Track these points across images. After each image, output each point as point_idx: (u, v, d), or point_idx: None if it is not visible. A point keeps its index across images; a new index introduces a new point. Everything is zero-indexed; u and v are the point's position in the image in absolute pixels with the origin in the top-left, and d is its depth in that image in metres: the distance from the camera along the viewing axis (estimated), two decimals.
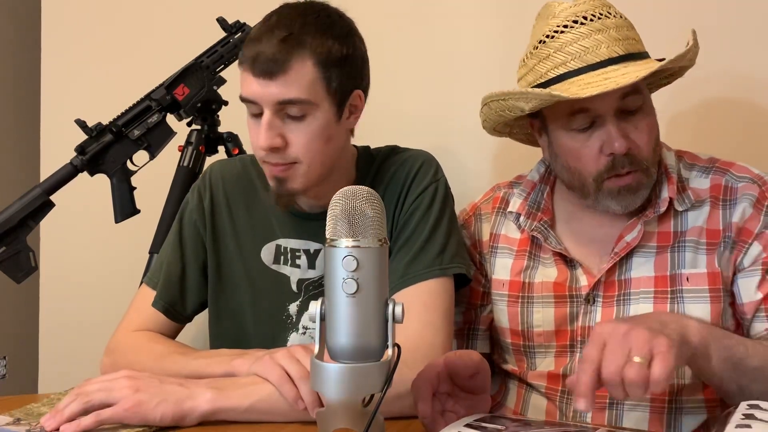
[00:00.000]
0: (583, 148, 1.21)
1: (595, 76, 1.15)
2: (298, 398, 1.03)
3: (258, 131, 1.19)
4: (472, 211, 1.42)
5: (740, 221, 1.21)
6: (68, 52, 2.15)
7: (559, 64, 1.18)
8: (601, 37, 1.17)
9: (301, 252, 1.32)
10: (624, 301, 1.23)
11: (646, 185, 1.22)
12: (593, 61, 1.17)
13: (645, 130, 1.20)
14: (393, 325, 0.83)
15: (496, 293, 1.34)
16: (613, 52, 1.17)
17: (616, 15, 1.20)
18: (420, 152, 1.35)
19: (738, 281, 1.21)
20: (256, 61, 1.16)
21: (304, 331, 1.32)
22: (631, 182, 1.20)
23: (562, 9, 1.21)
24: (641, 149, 1.20)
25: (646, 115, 1.21)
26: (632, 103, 1.18)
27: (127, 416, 1.04)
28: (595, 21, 1.18)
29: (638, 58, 1.19)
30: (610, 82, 1.13)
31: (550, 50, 1.19)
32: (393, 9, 1.84)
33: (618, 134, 1.17)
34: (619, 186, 1.21)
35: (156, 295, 1.35)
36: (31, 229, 1.59)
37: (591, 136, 1.20)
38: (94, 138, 1.61)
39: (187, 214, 1.38)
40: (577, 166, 1.23)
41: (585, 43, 1.17)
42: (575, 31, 1.18)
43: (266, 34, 1.17)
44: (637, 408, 1.21)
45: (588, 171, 1.22)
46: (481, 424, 0.95)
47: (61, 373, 2.11)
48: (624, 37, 1.18)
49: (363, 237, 0.81)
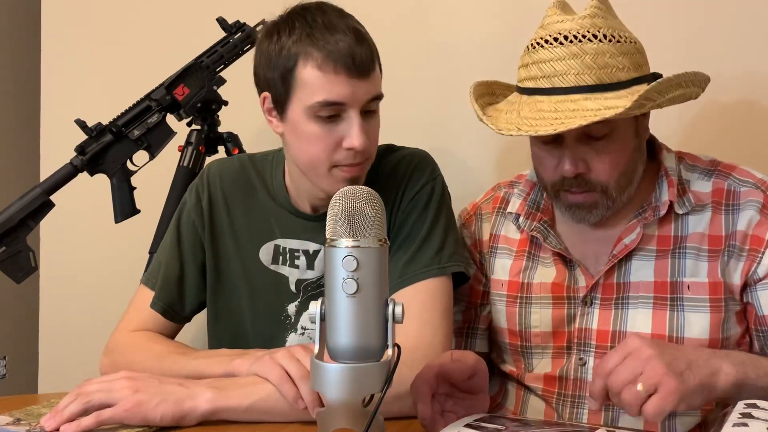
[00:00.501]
0: (545, 158, 1.22)
1: (553, 103, 1.14)
2: (298, 398, 1.03)
3: (353, 129, 1.16)
4: (473, 210, 1.42)
5: (747, 228, 1.19)
6: (68, 52, 2.15)
7: (531, 77, 1.18)
8: (574, 62, 1.14)
9: (300, 252, 1.32)
10: (622, 305, 1.23)
11: (605, 205, 1.21)
12: (559, 85, 1.15)
13: (607, 156, 1.18)
14: (393, 325, 0.83)
15: (494, 293, 1.34)
16: (581, 80, 1.14)
17: (605, 38, 1.15)
18: (416, 150, 1.34)
19: (757, 293, 1.19)
20: (350, 60, 1.13)
21: (302, 332, 1.31)
22: (582, 201, 1.21)
23: (552, 22, 1.19)
24: (597, 174, 1.18)
25: (614, 141, 1.18)
26: (597, 130, 1.15)
27: (127, 416, 1.04)
28: (574, 43, 1.15)
29: (612, 88, 1.14)
30: (554, 121, 1.12)
31: (530, 60, 1.19)
32: (393, 8, 1.84)
33: (569, 159, 1.17)
34: (570, 201, 1.22)
35: (154, 296, 1.35)
36: (31, 229, 1.59)
37: (553, 150, 1.20)
38: (94, 138, 1.61)
39: (185, 213, 1.37)
40: (539, 172, 1.26)
41: (556, 65, 1.15)
42: (551, 50, 1.16)
43: (335, 33, 1.15)
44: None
45: (547, 179, 1.24)
46: (480, 424, 0.95)
47: (61, 373, 2.11)
48: (601, 66, 1.14)
49: (363, 237, 0.81)
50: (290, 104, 1.18)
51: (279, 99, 1.20)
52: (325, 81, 1.14)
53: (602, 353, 1.22)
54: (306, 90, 1.16)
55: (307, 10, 1.19)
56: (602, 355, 1.22)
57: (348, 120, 1.16)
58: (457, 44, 1.80)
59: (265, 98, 1.23)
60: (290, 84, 1.17)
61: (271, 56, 1.18)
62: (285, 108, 1.20)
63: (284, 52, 1.17)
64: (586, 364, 1.24)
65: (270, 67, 1.19)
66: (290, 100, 1.18)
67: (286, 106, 1.19)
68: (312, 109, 1.15)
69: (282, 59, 1.17)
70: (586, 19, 1.16)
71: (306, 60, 1.15)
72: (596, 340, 1.23)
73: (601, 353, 1.23)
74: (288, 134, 1.22)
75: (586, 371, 1.24)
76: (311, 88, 1.15)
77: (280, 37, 1.18)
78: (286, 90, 1.18)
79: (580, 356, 1.25)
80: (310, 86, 1.15)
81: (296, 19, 1.18)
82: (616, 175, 1.19)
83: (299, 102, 1.17)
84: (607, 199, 1.20)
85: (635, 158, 1.22)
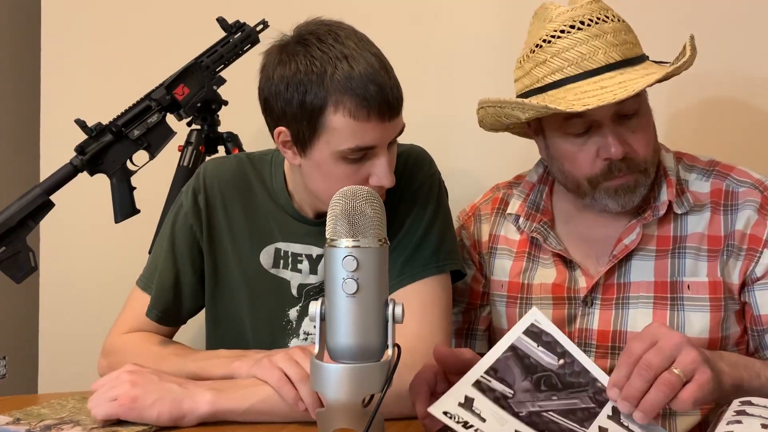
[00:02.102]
0: (579, 152, 1.20)
1: (591, 84, 1.15)
2: (298, 399, 1.03)
3: (381, 169, 1.14)
4: (472, 211, 1.42)
5: (745, 228, 1.20)
6: (68, 52, 2.15)
7: (556, 70, 1.17)
8: (598, 42, 1.16)
9: (303, 257, 1.29)
10: (623, 305, 1.23)
11: (644, 184, 1.21)
12: (590, 67, 1.16)
13: (642, 133, 1.19)
14: (393, 325, 0.83)
15: (495, 294, 1.34)
16: (610, 58, 1.16)
17: (614, 19, 1.19)
18: (413, 147, 1.33)
19: (755, 292, 1.19)
20: (383, 106, 1.10)
21: (305, 337, 1.30)
22: (628, 181, 1.20)
23: (559, 13, 1.20)
24: (638, 152, 1.19)
25: (643, 116, 1.20)
26: (629, 107, 1.17)
27: (122, 412, 1.03)
28: (592, 26, 1.16)
29: (636, 62, 1.18)
30: (608, 94, 1.12)
31: (547, 55, 1.18)
32: (393, 8, 1.84)
33: (615, 140, 1.17)
34: (616, 186, 1.20)
35: (149, 304, 1.32)
36: (31, 229, 1.59)
37: (587, 141, 1.19)
38: (94, 138, 1.61)
39: (181, 217, 1.33)
40: (571, 169, 1.23)
41: (582, 49, 1.16)
42: (572, 37, 1.17)
43: (363, 73, 1.09)
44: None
45: (583, 174, 1.21)
46: (489, 381, 0.95)
47: (61, 373, 2.12)
48: (621, 42, 1.17)
49: (363, 237, 0.81)
50: (315, 145, 1.13)
51: (301, 138, 1.14)
52: (357, 128, 1.10)
53: (603, 353, 1.23)
54: (335, 135, 1.11)
55: (323, 42, 1.11)
56: (603, 355, 1.22)
57: (376, 158, 1.14)
58: (457, 45, 1.80)
59: (280, 132, 1.16)
60: (317, 127, 1.11)
61: (289, 89, 1.11)
62: (308, 147, 1.14)
63: (309, 92, 1.10)
64: None
65: (289, 102, 1.12)
66: (315, 141, 1.13)
67: (309, 146, 1.14)
68: (341, 153, 1.11)
69: (304, 96, 1.10)
70: (593, 4, 1.20)
71: (336, 106, 1.09)
72: (597, 340, 1.23)
73: (601, 353, 1.23)
74: (308, 168, 1.18)
75: None
76: (341, 135, 1.10)
77: (298, 68, 1.11)
78: (311, 132, 1.12)
79: None
80: (340, 132, 1.10)
81: (311, 48, 1.11)
82: (651, 151, 1.21)
83: (327, 145, 1.12)
84: (646, 178, 1.21)
85: (656, 135, 1.25)
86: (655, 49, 1.23)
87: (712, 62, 1.40)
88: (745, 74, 1.59)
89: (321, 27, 1.14)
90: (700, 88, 1.43)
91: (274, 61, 1.14)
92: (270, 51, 1.17)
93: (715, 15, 1.59)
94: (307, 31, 1.14)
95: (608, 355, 1.23)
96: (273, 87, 1.14)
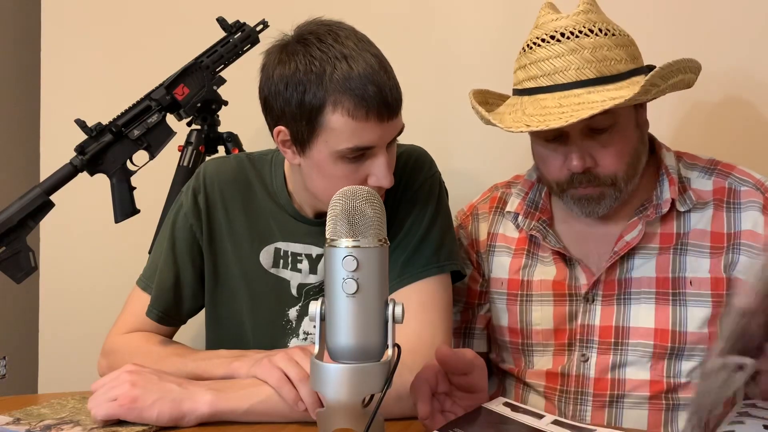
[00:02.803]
0: (549, 157, 1.23)
1: (555, 99, 1.15)
2: (298, 400, 1.03)
3: (379, 169, 1.13)
4: (470, 211, 1.42)
5: (754, 227, 1.20)
6: (68, 52, 2.15)
7: (531, 77, 1.19)
8: (573, 58, 1.16)
9: (303, 256, 1.29)
10: (625, 301, 1.23)
11: (612, 196, 1.22)
12: (560, 81, 1.16)
13: (613, 148, 1.19)
14: (393, 325, 0.83)
15: (494, 292, 1.34)
16: (582, 74, 1.16)
17: (601, 33, 1.17)
18: (413, 147, 1.33)
19: None
20: (382, 106, 1.09)
21: (305, 337, 1.30)
22: (591, 193, 1.22)
23: (547, 21, 1.20)
24: (604, 168, 1.20)
25: (617, 132, 1.19)
26: (600, 122, 1.16)
27: (122, 412, 1.03)
28: (571, 39, 1.16)
29: (614, 80, 1.16)
30: (561, 115, 1.12)
31: (527, 61, 1.20)
32: (393, 9, 1.84)
33: (577, 154, 1.18)
34: (579, 195, 1.22)
35: (149, 304, 1.32)
36: (31, 229, 1.59)
37: (558, 148, 1.21)
38: (93, 138, 1.61)
39: (181, 217, 1.33)
40: (543, 171, 1.27)
41: (556, 62, 1.17)
42: (549, 48, 1.17)
43: (362, 73, 1.09)
44: (636, 407, 1.21)
45: (552, 177, 1.24)
46: (517, 405, 0.93)
47: (61, 373, 2.12)
48: (600, 59, 1.16)
49: (363, 237, 0.81)
50: (314, 145, 1.13)
51: (300, 138, 1.14)
52: (356, 128, 1.10)
53: (605, 349, 1.23)
54: (334, 135, 1.11)
55: (323, 42, 1.11)
56: (605, 351, 1.23)
57: (375, 159, 1.13)
58: (457, 45, 1.80)
59: (279, 132, 1.16)
60: (316, 127, 1.11)
61: (288, 88, 1.12)
62: (306, 147, 1.14)
63: (308, 91, 1.10)
64: (588, 361, 1.24)
65: (288, 101, 1.12)
66: (314, 141, 1.13)
67: (308, 145, 1.14)
68: (340, 152, 1.11)
69: (303, 96, 1.10)
70: (580, 15, 1.18)
71: (335, 106, 1.09)
72: (599, 336, 1.24)
73: (604, 349, 1.23)
74: (307, 168, 1.18)
75: (588, 368, 1.24)
76: (340, 134, 1.10)
77: (297, 68, 1.11)
78: (310, 131, 1.12)
79: (583, 353, 1.25)
80: (338, 132, 1.10)
81: (311, 47, 1.11)
82: (623, 166, 1.20)
83: (325, 145, 1.12)
84: (615, 191, 1.21)
85: (639, 150, 1.24)
86: (655, 49, 1.23)
87: (713, 63, 1.40)
88: (746, 75, 1.59)
89: (321, 27, 1.14)
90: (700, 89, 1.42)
91: (274, 60, 1.14)
92: (270, 50, 1.17)
93: (716, 15, 1.59)
94: (307, 31, 1.14)
95: (610, 351, 1.23)
96: (273, 86, 1.14)
